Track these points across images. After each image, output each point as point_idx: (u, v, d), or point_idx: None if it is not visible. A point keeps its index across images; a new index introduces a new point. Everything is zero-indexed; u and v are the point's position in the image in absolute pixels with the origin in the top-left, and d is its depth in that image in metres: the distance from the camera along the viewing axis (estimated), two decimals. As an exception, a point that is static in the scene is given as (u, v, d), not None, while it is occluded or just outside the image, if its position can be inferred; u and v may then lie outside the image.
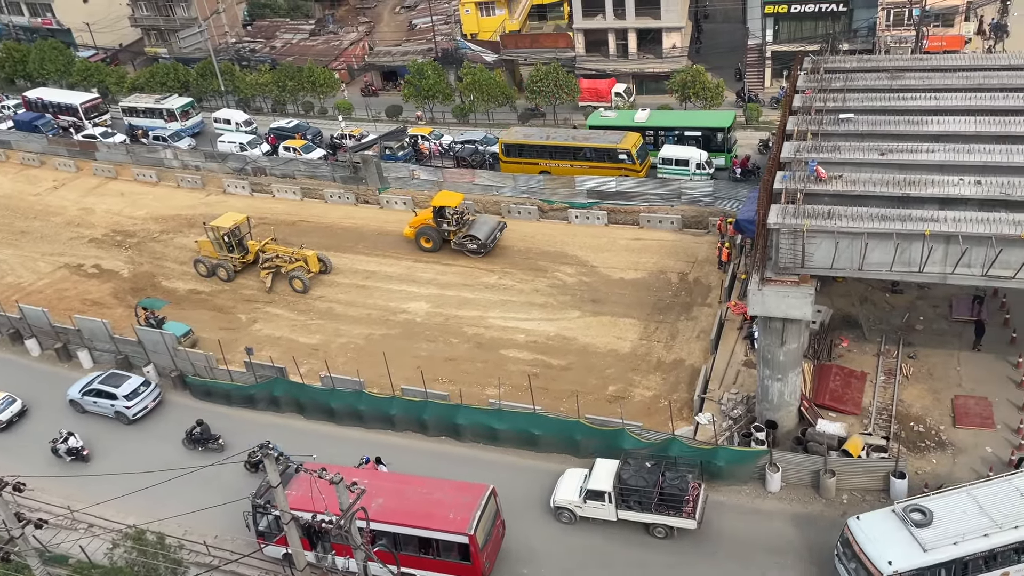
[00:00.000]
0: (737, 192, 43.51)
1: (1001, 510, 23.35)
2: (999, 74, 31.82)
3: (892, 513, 24.11)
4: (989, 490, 24.16)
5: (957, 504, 23.86)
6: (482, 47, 64.17)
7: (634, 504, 27.33)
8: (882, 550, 23.23)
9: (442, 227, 44.13)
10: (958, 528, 23.17)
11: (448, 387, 34.50)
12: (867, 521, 24.26)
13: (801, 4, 52.88)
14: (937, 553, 22.83)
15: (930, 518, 23.53)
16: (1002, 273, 24.93)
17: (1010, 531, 22.89)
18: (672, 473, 27.41)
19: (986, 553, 22.96)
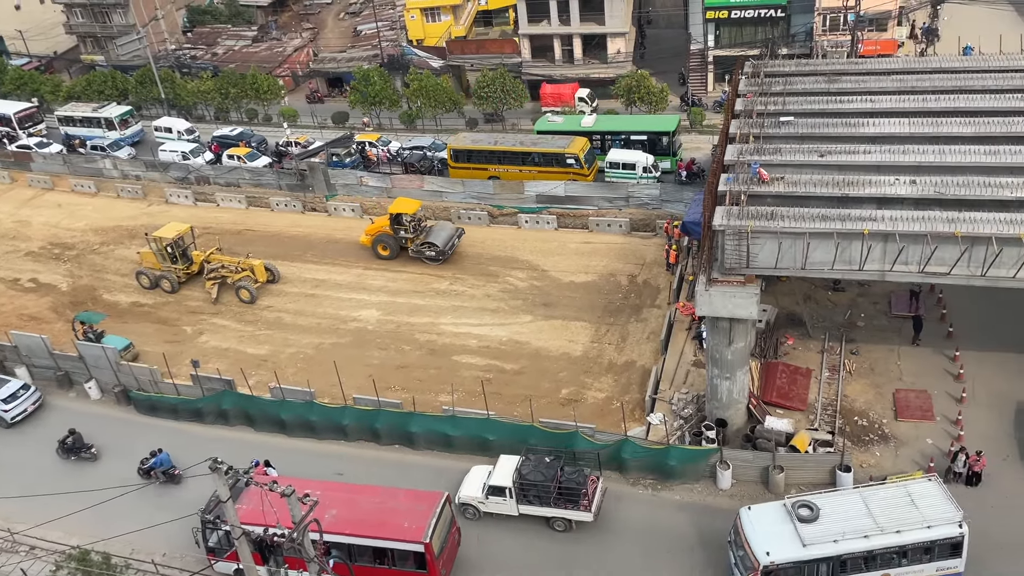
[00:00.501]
0: (683, 195, 44.18)
1: (887, 514, 23.91)
2: (931, 77, 32.88)
3: (782, 507, 24.88)
4: (882, 493, 24.86)
5: (846, 504, 24.55)
6: (428, 53, 64.05)
7: (533, 499, 27.86)
8: (763, 541, 23.98)
9: (399, 234, 43.81)
10: (841, 527, 23.77)
11: (401, 395, 34.28)
12: (756, 512, 25.03)
13: (741, 10, 53.99)
14: (815, 549, 23.50)
15: (816, 515, 24.17)
16: (937, 269, 25.76)
17: (891, 535, 23.46)
18: (571, 468, 28.11)
19: (865, 554, 23.58)
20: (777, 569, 23.58)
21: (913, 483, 25.11)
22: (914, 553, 23.66)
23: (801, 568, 23.69)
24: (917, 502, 24.11)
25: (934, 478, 25.22)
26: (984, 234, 24.77)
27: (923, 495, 24.37)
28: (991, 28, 51.17)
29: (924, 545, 23.57)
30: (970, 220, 25.31)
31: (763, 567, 23.51)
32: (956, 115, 29.98)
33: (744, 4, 53.67)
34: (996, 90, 31.12)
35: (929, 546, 23.58)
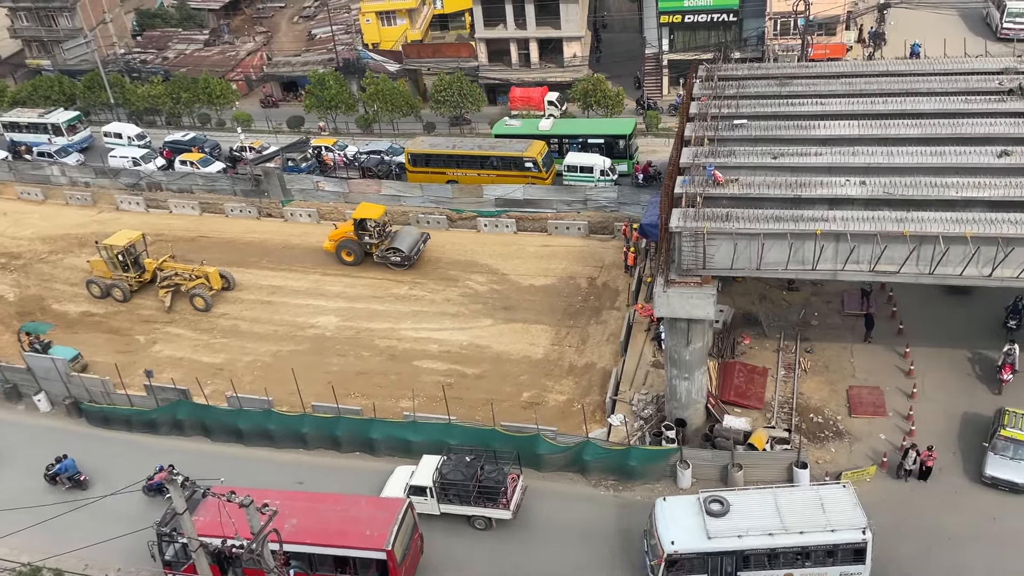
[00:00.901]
0: (640, 197, 44.56)
1: (794, 515, 24.41)
2: (878, 80, 33.67)
3: (696, 500, 25.48)
4: (794, 495, 25.46)
5: (757, 502, 25.16)
6: (384, 57, 63.69)
7: (453, 498, 28.15)
8: (671, 530, 24.71)
9: (364, 240, 43.42)
10: (746, 524, 24.41)
11: (361, 401, 34.00)
12: (670, 503, 25.84)
13: (694, 14, 54.65)
14: (719, 542, 24.18)
15: (726, 510, 24.84)
16: (887, 268, 26.37)
17: (794, 535, 23.98)
18: (491, 466, 28.39)
19: (768, 551, 24.19)
20: (681, 558, 24.32)
21: (826, 488, 25.72)
22: (817, 555, 24.13)
23: (705, 559, 24.36)
24: (826, 506, 24.57)
25: (847, 484, 25.67)
26: (931, 233, 25.41)
27: (833, 500, 24.83)
28: (936, 32, 52.57)
29: (827, 548, 24.02)
30: (918, 220, 25.97)
31: (667, 555, 24.28)
32: (903, 117, 30.75)
33: (697, 8, 54.38)
34: (941, 93, 31.97)
35: (832, 550, 24.02)
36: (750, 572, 24.55)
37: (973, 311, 33.62)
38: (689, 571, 24.56)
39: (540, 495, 29.51)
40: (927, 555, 25.73)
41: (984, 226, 25.37)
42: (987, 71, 33.13)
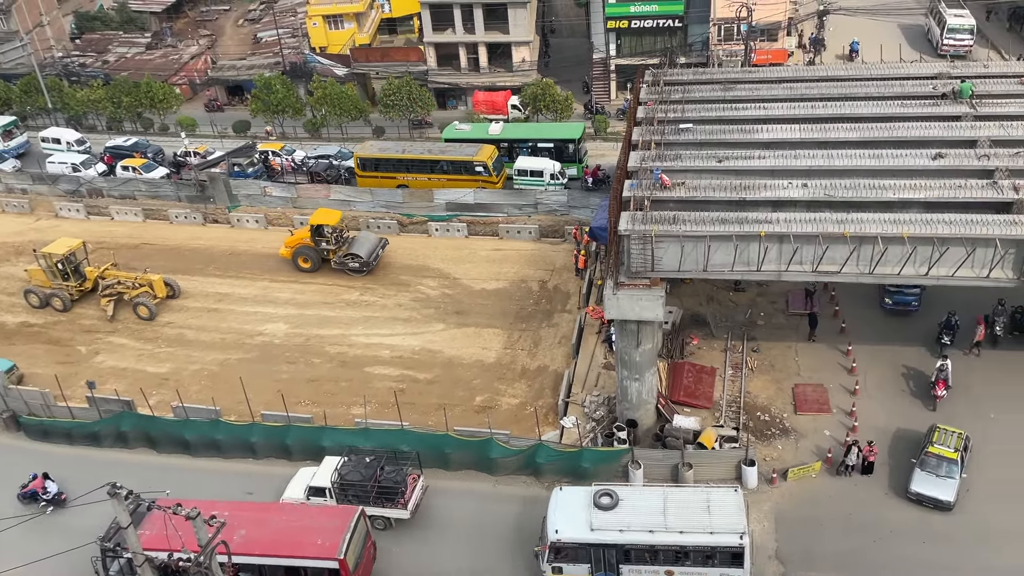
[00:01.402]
0: (590, 201, 44.96)
1: (678, 515, 24.97)
2: (818, 85, 34.52)
3: (590, 492, 26.08)
4: (683, 495, 26.00)
5: (647, 499, 25.80)
6: (332, 61, 63.15)
7: (352, 498, 28.33)
8: (558, 520, 25.45)
9: (321, 246, 42.88)
10: (630, 519, 25.02)
11: (312, 409, 33.60)
12: (565, 493, 26.60)
13: (640, 20, 55.39)
14: (601, 534, 24.86)
15: (614, 503, 25.49)
16: (829, 268, 27.03)
17: (674, 534, 24.54)
18: (391, 467, 28.72)
19: (648, 548, 24.81)
20: (564, 547, 25.06)
21: (716, 490, 26.06)
22: (696, 556, 24.67)
23: (587, 550, 25.00)
24: (712, 509, 25.02)
25: (738, 488, 26.19)
26: (871, 234, 26.13)
27: (720, 504, 25.23)
28: (873, 38, 54.24)
29: (705, 550, 24.52)
30: (857, 221, 26.69)
31: (551, 543, 25.09)
32: (842, 121, 31.57)
33: (643, 14, 55.12)
34: (878, 97, 32.92)
35: (710, 552, 24.53)
36: (632, 566, 25.24)
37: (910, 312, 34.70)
38: (573, 560, 25.24)
39: (495, 499, 29.54)
40: (869, 548, 26.37)
41: (920, 226, 26.19)
42: (921, 76, 34.23)
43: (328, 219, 42.56)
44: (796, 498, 28.26)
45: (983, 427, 29.51)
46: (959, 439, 27.80)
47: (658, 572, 25.18)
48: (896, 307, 34.28)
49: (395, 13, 69.03)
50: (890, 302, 34.18)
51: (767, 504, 28.13)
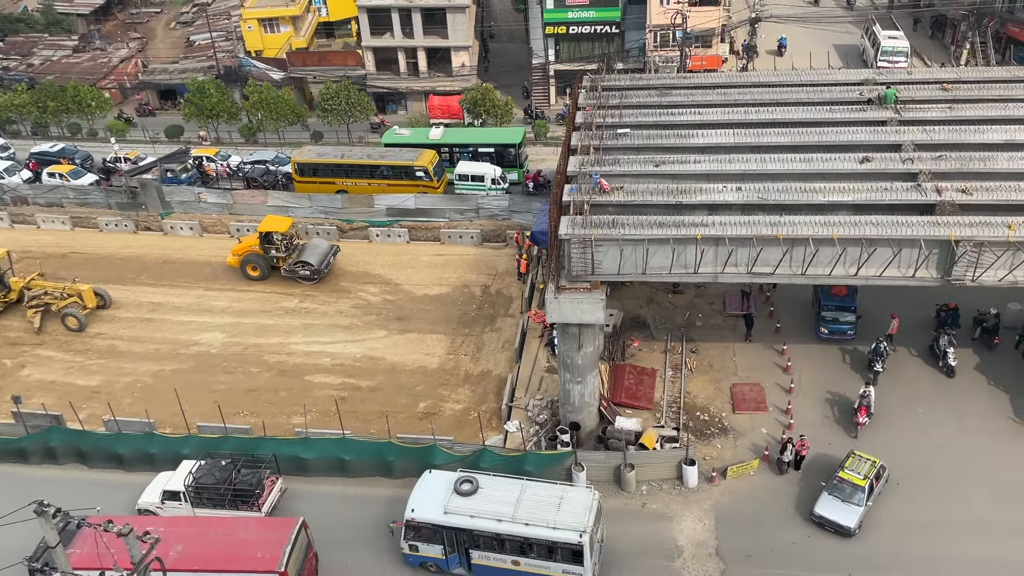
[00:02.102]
0: (531, 205, 45.16)
1: (529, 508, 25.61)
2: (751, 91, 35.29)
3: (454, 477, 26.96)
4: (540, 490, 26.44)
5: (505, 490, 26.39)
6: (268, 65, 62.16)
7: (207, 501, 28.52)
8: (417, 499, 26.56)
9: (270, 254, 42.01)
10: (482, 507, 25.80)
11: (250, 419, 32.97)
12: (433, 476, 27.48)
13: (578, 26, 55.95)
14: (452, 518, 25.77)
15: (473, 490, 26.31)
16: (763, 270, 27.64)
17: (519, 526, 25.24)
18: (247, 470, 29.10)
19: (494, 536, 25.55)
20: (418, 526, 26.10)
21: (572, 489, 26.67)
22: (539, 549, 25.25)
23: (438, 531, 25.95)
24: (562, 505, 25.57)
25: (594, 490, 26.60)
26: (802, 236, 26.81)
27: (571, 501, 25.79)
28: (802, 45, 55.80)
29: (547, 544, 25.08)
30: (790, 223, 27.34)
31: (406, 521, 26.24)
32: (774, 126, 32.30)
33: (581, 20, 55.68)
34: (808, 103, 33.82)
35: (552, 547, 25.06)
36: (481, 552, 26.05)
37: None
38: (429, 540, 26.20)
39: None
40: (806, 544, 26.98)
41: (849, 228, 26.99)
42: (849, 82, 35.30)
43: (277, 226, 41.77)
44: (735, 495, 28.79)
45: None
46: (872, 467, 27.59)
47: (505, 561, 25.95)
48: (832, 336, 34.01)
49: (332, 17, 68.34)
50: (826, 331, 33.91)
51: (707, 502, 28.61)
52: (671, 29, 52.97)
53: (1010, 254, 26.26)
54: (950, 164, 29.14)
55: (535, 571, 25.67)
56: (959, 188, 27.93)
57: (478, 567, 26.34)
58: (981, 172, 28.87)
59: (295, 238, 42.99)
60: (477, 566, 26.33)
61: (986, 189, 28.03)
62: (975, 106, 32.61)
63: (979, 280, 26.85)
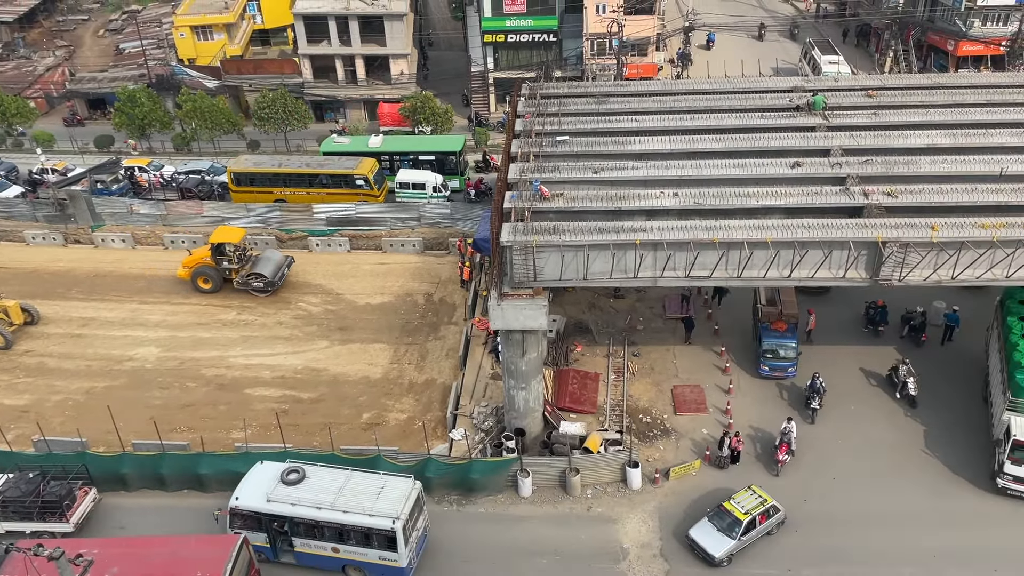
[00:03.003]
0: (473, 213, 45.20)
1: (349, 496, 26.33)
2: (686, 98, 36.04)
3: (281, 467, 27.56)
4: (363, 480, 27.11)
5: (329, 479, 27.11)
6: (202, 73, 60.91)
7: (13, 515, 28.48)
8: (243, 488, 27.25)
9: (222, 266, 41.06)
10: (304, 495, 26.52)
11: (188, 435, 32.17)
12: (263, 466, 27.98)
13: (516, 34, 56.33)
14: (275, 506, 26.49)
15: (300, 479, 27.01)
16: (701, 273, 28.23)
17: (338, 513, 25.99)
18: (57, 483, 29.03)
19: (314, 523, 26.30)
20: (243, 513, 26.76)
21: (394, 478, 27.18)
22: (356, 536, 26.05)
23: (260, 519, 26.63)
24: (382, 494, 26.35)
25: (414, 480, 27.10)
26: (737, 240, 27.46)
27: (391, 490, 26.51)
28: (735, 53, 57.16)
29: (363, 531, 25.85)
30: (725, 228, 27.96)
31: (231, 509, 26.89)
32: (709, 132, 33.06)
33: (519, 28, 56.06)
34: (740, 109, 34.69)
35: (368, 533, 25.82)
36: (302, 540, 26.70)
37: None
38: (254, 528, 26.68)
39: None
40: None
41: (782, 231, 27.72)
42: (779, 89, 36.31)
43: (230, 237, 40.88)
44: (679, 496, 29.23)
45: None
46: (760, 504, 27.02)
47: (325, 548, 26.57)
48: (773, 373, 33.48)
49: (268, 24, 67.36)
50: (767, 368, 33.40)
51: (651, 503, 28.99)
52: (607, 38, 53.72)
53: (934, 254, 27.32)
54: (876, 168, 30.21)
55: (353, 558, 26.44)
56: (885, 191, 28.97)
57: (301, 555, 26.96)
58: (905, 176, 29.99)
59: (248, 249, 42.20)
60: (300, 554, 26.94)
61: (910, 192, 29.12)
62: (898, 112, 33.88)
63: (905, 280, 27.87)
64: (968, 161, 30.37)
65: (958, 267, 27.47)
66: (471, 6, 58.21)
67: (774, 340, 33.25)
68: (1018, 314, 30.84)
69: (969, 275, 27.78)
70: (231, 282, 41.38)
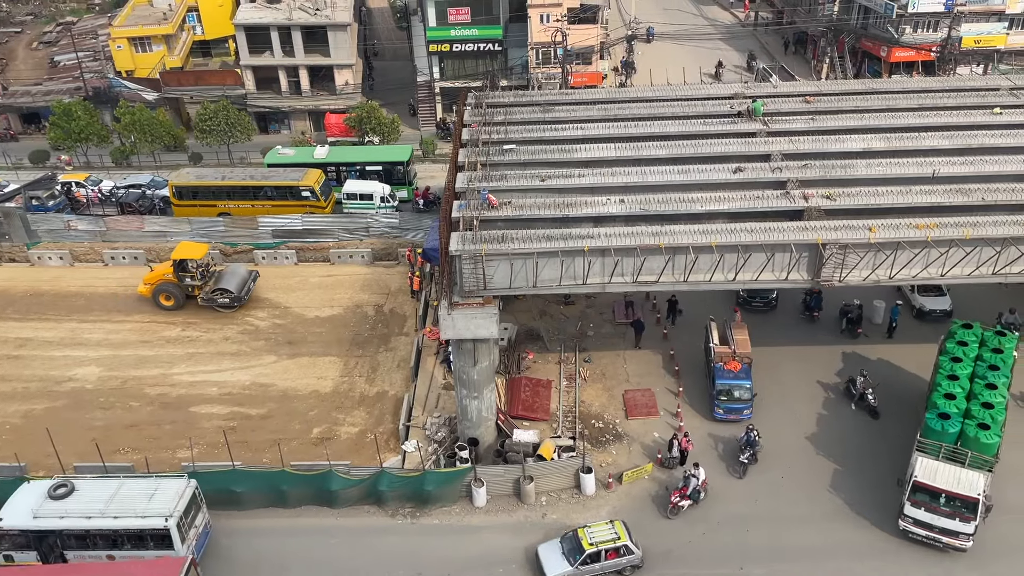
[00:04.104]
0: (422, 222, 45.01)
1: (121, 502, 26.60)
2: (630, 106, 36.49)
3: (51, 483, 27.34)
4: (135, 485, 27.38)
5: (100, 489, 27.18)
6: (140, 85, 59.60)
7: None
8: (7, 508, 26.72)
9: (185, 282, 40.08)
10: (73, 507, 26.53)
11: (132, 456, 31.34)
12: (30, 485, 27.52)
13: (461, 44, 56.40)
14: (40, 521, 26.31)
15: (68, 492, 26.99)
16: (648, 278, 28.55)
17: (108, 519, 26.21)
18: None
19: (84, 532, 26.33)
20: (8, 534, 26.33)
21: (167, 479, 27.64)
22: (131, 540, 26.27)
23: (28, 536, 26.32)
24: (155, 496, 26.71)
25: (189, 479, 27.58)
26: (683, 244, 27.86)
27: (164, 491, 26.89)
28: (676, 61, 58.14)
29: (137, 533, 26.15)
30: (671, 233, 28.37)
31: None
32: (653, 139, 33.50)
33: (464, 38, 56.15)
34: (683, 116, 35.25)
35: (142, 535, 26.15)
36: (76, 552, 26.58)
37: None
38: (22, 547, 26.34)
39: (335, 533, 28.65)
40: (700, 541, 27.85)
41: (726, 236, 28.22)
42: (720, 96, 37.01)
43: (193, 253, 39.98)
44: (632, 499, 29.42)
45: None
46: (613, 540, 26.18)
47: (100, 557, 26.46)
48: (728, 416, 31.82)
49: (208, 35, 66.27)
50: (721, 411, 31.73)
51: (605, 508, 29.11)
52: (552, 47, 54.12)
53: (872, 255, 28.09)
54: (815, 172, 30.96)
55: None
56: (824, 194, 29.69)
57: None
58: (843, 179, 30.81)
59: (212, 264, 41.35)
60: None
61: (848, 194, 29.90)
62: (835, 117, 34.80)
63: (846, 280, 28.59)
64: (902, 164, 31.33)
65: (895, 267, 28.28)
66: (416, 16, 58.13)
67: (728, 381, 31.58)
68: (951, 354, 29.65)
69: (906, 274, 28.63)
70: (194, 299, 40.57)
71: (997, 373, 28.87)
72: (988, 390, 28.20)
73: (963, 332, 30.54)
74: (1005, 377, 28.94)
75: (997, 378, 28.66)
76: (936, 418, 27.41)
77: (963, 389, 28.43)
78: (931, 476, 26.52)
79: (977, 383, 28.61)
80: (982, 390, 28.24)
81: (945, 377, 28.82)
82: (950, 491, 26.08)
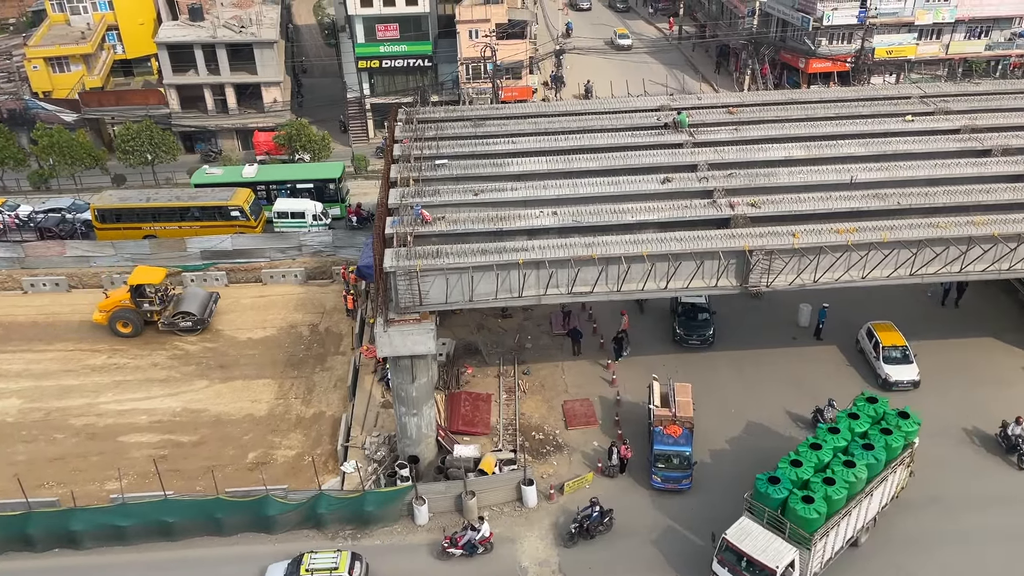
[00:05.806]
0: (355, 240, 44.58)
1: None
2: (560, 119, 36.96)
3: None
4: None
5: None
6: (58, 106, 57.61)
7: None
8: None
9: (143, 307, 38.70)
10: None
11: (57, 491, 30.13)
12: None
13: (391, 60, 56.26)
14: None
15: None
16: (583, 289, 28.88)
17: None
18: None
19: None
20: None
21: None
22: None
23: None
24: None
25: None
26: (615, 255, 28.29)
27: None
28: (604, 74, 59.09)
29: None
30: (603, 244, 28.80)
31: None
32: (583, 152, 34.00)
33: (393, 54, 56.03)
34: (612, 129, 35.86)
35: None
36: None
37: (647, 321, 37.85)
38: None
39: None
40: (642, 549, 28.10)
41: (656, 245, 28.76)
42: (647, 108, 37.77)
43: (150, 278, 38.84)
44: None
45: None
46: (331, 569, 26.02)
47: None
48: (665, 486, 29.60)
49: (130, 54, 64.51)
50: (659, 479, 29.53)
51: (548, 520, 29.19)
52: (482, 62, 54.43)
53: (796, 260, 28.97)
54: (740, 181, 31.85)
55: None
56: (749, 202, 30.55)
57: None
58: (766, 187, 31.75)
59: (170, 288, 40.14)
60: None
61: (772, 202, 30.83)
62: (757, 127, 35.88)
63: (772, 285, 29.41)
64: (822, 171, 32.47)
65: (819, 271, 29.22)
66: (344, 32, 57.69)
67: (667, 447, 29.35)
68: (845, 412, 28.23)
69: (829, 278, 29.61)
70: (154, 324, 39.39)
71: (868, 453, 26.18)
72: (843, 467, 25.73)
73: (864, 405, 28.36)
74: (875, 460, 26.17)
75: (862, 458, 26.03)
76: (765, 480, 25.71)
77: (819, 461, 26.18)
78: (741, 537, 25.10)
79: (837, 459, 26.24)
80: (837, 464, 25.89)
81: (808, 445, 26.82)
82: (751, 556, 24.56)
